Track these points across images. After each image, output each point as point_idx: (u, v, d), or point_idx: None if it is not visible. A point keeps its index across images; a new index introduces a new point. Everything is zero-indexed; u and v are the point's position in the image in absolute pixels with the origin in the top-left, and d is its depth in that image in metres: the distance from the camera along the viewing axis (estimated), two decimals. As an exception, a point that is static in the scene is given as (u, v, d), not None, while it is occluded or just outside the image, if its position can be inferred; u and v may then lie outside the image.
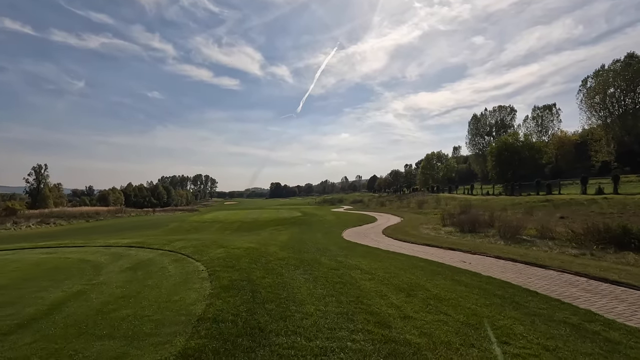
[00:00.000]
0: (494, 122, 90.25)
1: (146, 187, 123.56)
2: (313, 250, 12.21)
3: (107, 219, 39.69)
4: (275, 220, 29.01)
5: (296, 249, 12.47)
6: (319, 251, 12.18)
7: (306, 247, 13.26)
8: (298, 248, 12.89)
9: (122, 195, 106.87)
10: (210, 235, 19.15)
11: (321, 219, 31.66)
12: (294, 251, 11.74)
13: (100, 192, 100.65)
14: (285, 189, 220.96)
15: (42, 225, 30.84)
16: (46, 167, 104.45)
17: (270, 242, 15.30)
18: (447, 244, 14.98)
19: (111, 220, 37.31)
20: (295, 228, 23.97)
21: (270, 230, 22.61)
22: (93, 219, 38.31)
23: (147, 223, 30.90)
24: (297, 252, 11.72)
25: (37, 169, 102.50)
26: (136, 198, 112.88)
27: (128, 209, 62.07)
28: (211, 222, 28.93)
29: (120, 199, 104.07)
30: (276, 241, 15.79)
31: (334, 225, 25.73)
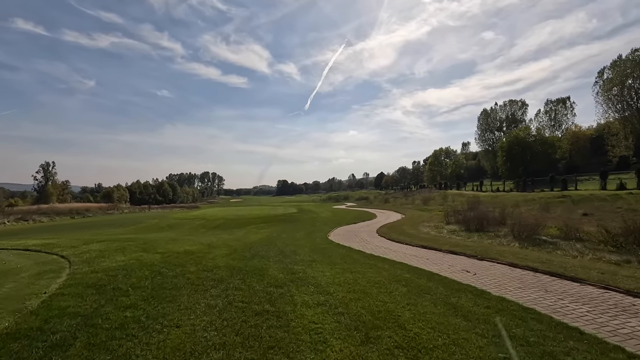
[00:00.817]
0: (504, 117, 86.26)
1: (151, 184, 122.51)
2: (273, 255, 9.50)
3: (96, 216, 37.69)
4: (263, 218, 26.47)
5: (251, 253, 9.79)
6: (279, 256, 9.46)
7: (267, 251, 10.56)
8: (256, 252, 10.20)
9: (126, 192, 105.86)
10: (170, 234, 16.76)
11: (315, 216, 28.99)
12: (244, 257, 9.05)
13: (105, 189, 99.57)
14: (292, 187, 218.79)
15: (19, 222, 28.86)
16: (54, 165, 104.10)
17: (232, 242, 12.68)
18: (449, 245, 12.13)
19: (96, 218, 35.23)
20: (279, 226, 21.35)
21: (250, 228, 20.01)
22: (80, 216, 36.33)
23: (127, 220, 28.63)
24: (249, 257, 9.02)
25: (44, 167, 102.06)
26: (141, 195, 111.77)
27: (122, 205, 60.35)
28: (193, 219, 26.49)
29: (125, 196, 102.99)
30: (241, 242, 13.15)
31: (325, 223, 23.02)
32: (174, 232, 19.31)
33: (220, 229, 20.27)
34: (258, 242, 13.35)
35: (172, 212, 45.62)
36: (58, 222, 30.64)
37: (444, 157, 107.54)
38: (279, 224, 22.56)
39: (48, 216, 33.05)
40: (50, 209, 38.91)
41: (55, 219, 32.33)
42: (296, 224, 22.03)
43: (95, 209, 43.86)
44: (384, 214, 32.61)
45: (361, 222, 24.91)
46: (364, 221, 25.37)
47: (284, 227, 20.35)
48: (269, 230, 19.13)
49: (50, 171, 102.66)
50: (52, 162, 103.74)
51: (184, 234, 17.79)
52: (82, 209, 40.22)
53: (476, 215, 16.91)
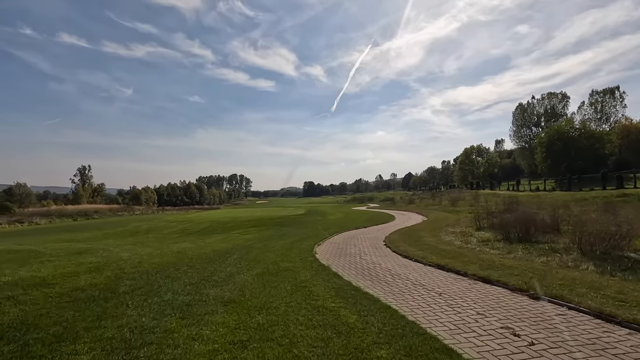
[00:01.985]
0: (542, 111, 78.37)
1: (179, 186, 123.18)
2: (170, 287, 5.72)
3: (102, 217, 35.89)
4: (260, 220, 22.87)
5: (145, 281, 6.04)
6: (183, 286, 5.67)
7: (187, 275, 6.77)
8: (166, 274, 6.48)
9: (154, 194, 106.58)
10: (126, 240, 13.48)
11: (321, 218, 25.05)
12: (110, 291, 5.31)
13: (133, 192, 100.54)
14: (319, 188, 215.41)
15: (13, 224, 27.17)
16: (89, 168, 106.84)
17: (170, 256, 9.06)
18: (478, 265, 7.83)
19: (93, 220, 33.15)
20: (270, 231, 17.62)
21: (232, 234, 16.46)
22: (85, 217, 34.51)
23: (112, 224, 26.01)
24: (119, 293, 5.27)
25: (81, 170, 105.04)
26: (169, 197, 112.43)
27: (135, 207, 59.23)
28: (181, 222, 23.39)
29: (152, 198, 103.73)
30: (183, 254, 9.52)
31: (328, 227, 19.04)
32: (139, 238, 16.16)
33: (198, 234, 16.91)
34: (210, 254, 9.68)
35: (177, 214, 43.06)
36: (55, 224, 28.73)
37: (475, 156, 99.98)
38: (272, 228, 18.89)
39: (49, 218, 31.53)
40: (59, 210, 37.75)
41: (55, 221, 30.65)
42: (291, 229, 18.23)
43: (105, 210, 42.54)
44: (404, 216, 28.11)
45: (373, 225, 20.71)
46: (376, 224, 21.15)
47: (273, 233, 16.64)
48: (252, 236, 15.46)
49: (86, 174, 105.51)
50: (88, 166, 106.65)
51: (147, 240, 14.55)
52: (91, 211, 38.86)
53: (518, 218, 12.25)
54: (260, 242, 12.89)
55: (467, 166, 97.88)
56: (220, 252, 10.21)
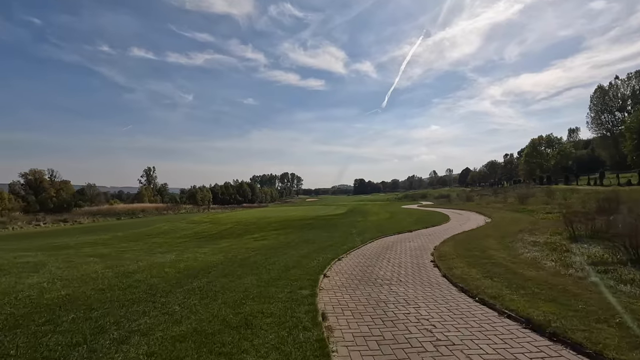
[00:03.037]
0: (629, 93, 66.22)
1: (232, 185, 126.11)
2: None
3: (146, 216, 35.72)
4: (290, 221, 19.67)
5: None
6: None
7: (116, 311, 3.59)
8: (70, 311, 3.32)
9: (209, 193, 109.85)
10: (135, 245, 11.00)
11: (361, 219, 21.30)
12: None
13: (189, 191, 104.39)
14: (370, 185, 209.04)
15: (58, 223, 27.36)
16: (154, 170, 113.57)
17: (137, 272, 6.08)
18: (632, 341, 3.79)
19: (135, 220, 32.58)
20: (292, 235, 14.26)
21: (241, 239, 13.47)
22: (129, 217, 34.51)
23: (146, 223, 24.71)
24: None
25: (147, 171, 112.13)
26: (223, 195, 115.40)
27: (183, 205, 59.98)
28: (203, 223, 21.04)
29: (207, 196, 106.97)
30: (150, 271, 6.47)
31: (365, 231, 15.34)
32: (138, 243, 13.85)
33: (207, 239, 14.26)
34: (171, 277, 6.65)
35: (213, 213, 41.56)
36: (88, 224, 28.49)
37: (544, 147, 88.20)
38: (298, 231, 15.68)
39: (93, 217, 31.94)
40: (108, 209, 38.65)
41: (98, 220, 30.83)
42: (319, 233, 14.82)
43: (152, 209, 43.09)
44: (461, 216, 23.30)
45: (421, 228, 16.58)
46: (426, 227, 16.96)
47: (295, 238, 13.39)
48: (266, 243, 12.32)
49: (151, 175, 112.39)
50: (153, 168, 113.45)
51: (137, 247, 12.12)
52: (138, 210, 39.39)
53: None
54: (264, 254, 9.67)
55: (535, 159, 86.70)
56: (188, 273, 7.14)
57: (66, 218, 30.62)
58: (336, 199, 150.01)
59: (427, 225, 17.98)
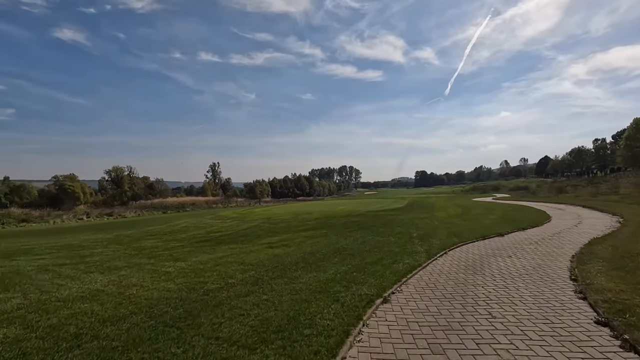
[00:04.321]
0: None
1: (291, 178, 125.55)
2: None
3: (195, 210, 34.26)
4: (329, 218, 15.19)
5: None
6: None
7: None
8: None
9: (268, 186, 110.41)
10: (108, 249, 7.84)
11: (425, 215, 16.12)
12: None
13: (248, 185, 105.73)
14: (432, 177, 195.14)
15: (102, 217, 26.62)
16: (218, 165, 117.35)
17: None
18: None
19: (177, 214, 30.81)
20: (325, 239, 9.62)
21: (256, 244, 9.44)
22: (176, 210, 33.30)
23: (178, 217, 22.20)
24: None
25: (212, 167, 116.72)
26: (281, 189, 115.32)
27: (235, 198, 58.64)
28: (230, 219, 17.55)
29: (266, 190, 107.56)
30: None
31: (429, 234, 10.47)
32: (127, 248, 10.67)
33: (214, 243, 10.44)
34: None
35: (251, 208, 38.82)
36: (131, 218, 27.15)
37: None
38: (339, 232, 11.20)
39: (142, 210, 31.16)
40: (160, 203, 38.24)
41: (143, 214, 29.85)
42: (366, 235, 10.26)
43: (202, 202, 42.11)
44: (565, 212, 16.96)
45: (515, 230, 11.20)
46: (521, 229, 11.51)
47: (329, 243, 9.04)
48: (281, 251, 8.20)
49: (216, 170, 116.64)
50: (217, 163, 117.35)
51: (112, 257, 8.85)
52: (188, 203, 38.50)
53: None
54: (251, 283, 5.56)
55: (639, 142, 70.98)
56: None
57: (112, 212, 30.22)
58: (395, 191, 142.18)
59: (523, 225, 12.39)
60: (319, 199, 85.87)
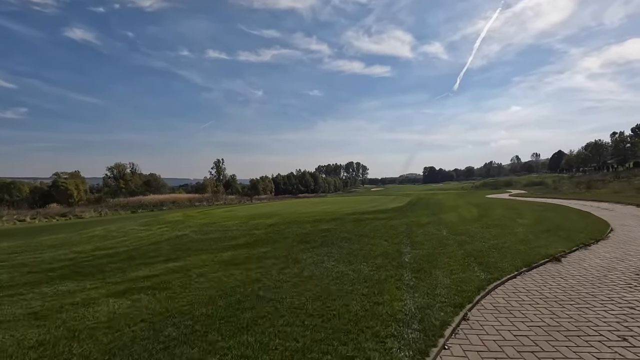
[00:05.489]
0: None
1: (295, 175, 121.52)
2: None
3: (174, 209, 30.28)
4: (287, 224, 10.65)
5: None
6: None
7: None
8: None
9: (272, 183, 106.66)
10: None
11: (429, 220, 11.53)
12: None
13: (251, 181, 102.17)
14: (441, 174, 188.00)
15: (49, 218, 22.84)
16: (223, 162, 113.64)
17: None
18: None
19: (149, 212, 26.70)
20: (259, 264, 5.60)
21: (156, 269, 5.35)
22: (158, 209, 29.44)
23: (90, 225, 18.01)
24: None
25: (217, 163, 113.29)
26: (285, 185, 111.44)
27: (226, 195, 54.36)
28: (167, 225, 13.08)
29: (269, 187, 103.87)
30: None
31: (432, 258, 6.17)
32: None
33: (72, 276, 6.31)
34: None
35: (233, 206, 34.66)
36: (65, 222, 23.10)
37: (680, 119, 65.56)
38: (289, 248, 6.91)
39: (117, 208, 27.27)
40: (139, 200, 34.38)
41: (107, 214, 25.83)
42: (326, 257, 5.99)
43: (184, 200, 38.08)
44: (615, 214, 12.36)
45: (574, 248, 6.80)
46: (584, 245, 7.11)
47: (252, 276, 4.82)
48: (156, 299, 4.05)
49: (220, 167, 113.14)
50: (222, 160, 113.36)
51: None
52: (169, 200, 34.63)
53: None
54: None
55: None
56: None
57: (72, 211, 26.24)
58: (402, 188, 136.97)
59: (577, 237, 7.93)
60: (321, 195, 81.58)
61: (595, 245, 7.41)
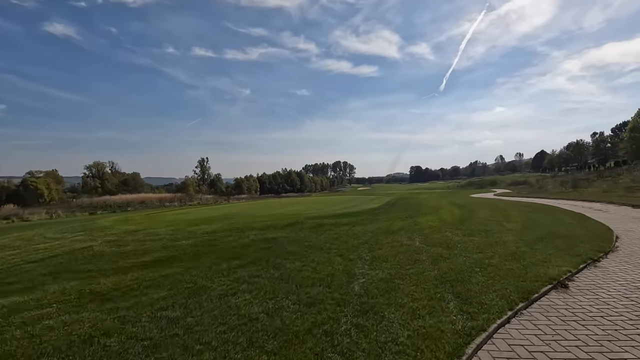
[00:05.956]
0: None
1: (281, 174, 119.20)
2: None
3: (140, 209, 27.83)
4: (231, 231, 8.99)
5: None
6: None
7: None
8: None
9: (256, 182, 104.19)
10: None
11: (404, 224, 9.82)
12: None
13: (235, 180, 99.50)
14: (427, 173, 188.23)
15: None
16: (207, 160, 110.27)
17: None
18: None
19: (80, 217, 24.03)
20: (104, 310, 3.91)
21: None
22: (109, 210, 26.96)
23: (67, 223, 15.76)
24: None
25: (201, 162, 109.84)
26: (270, 185, 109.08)
27: (202, 195, 51.65)
28: (81, 234, 11.15)
29: (254, 186, 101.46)
30: None
31: (390, 288, 4.39)
32: None
33: None
34: None
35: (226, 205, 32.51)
36: (52, 219, 20.85)
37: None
38: (206, 268, 5.11)
39: (75, 209, 24.76)
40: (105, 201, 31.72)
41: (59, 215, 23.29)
42: (249, 284, 4.28)
43: (154, 200, 35.42)
44: (612, 216, 10.89)
45: (582, 265, 5.11)
46: (592, 260, 5.43)
47: (98, 325, 3.12)
48: None
49: (205, 166, 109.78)
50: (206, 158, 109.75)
51: None
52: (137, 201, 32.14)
53: None
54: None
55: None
56: None
57: (14, 214, 23.42)
58: (388, 187, 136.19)
59: (580, 246, 6.29)
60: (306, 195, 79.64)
61: (605, 260, 5.74)
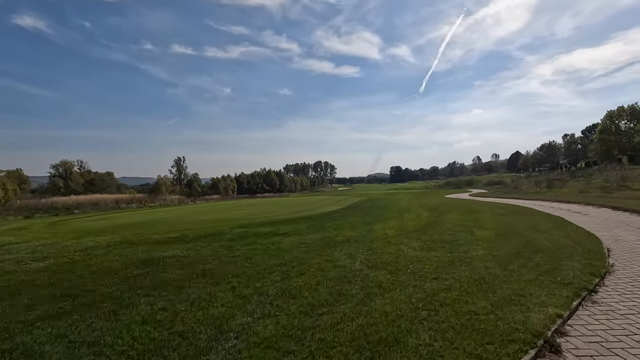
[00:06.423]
0: None
1: (260, 173, 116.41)
2: None
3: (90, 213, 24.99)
4: (129, 245, 7.27)
5: None
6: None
7: None
8: None
9: (234, 182, 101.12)
10: None
11: (344, 240, 8.18)
12: None
13: (212, 180, 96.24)
14: (407, 173, 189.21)
15: None
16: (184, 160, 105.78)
17: None
18: None
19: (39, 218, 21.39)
20: None
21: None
22: (70, 212, 24.20)
23: None
24: None
25: (177, 162, 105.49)
26: (249, 185, 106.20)
27: (174, 196, 48.36)
28: None
29: (231, 186, 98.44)
30: None
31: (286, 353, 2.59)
32: None
33: None
34: None
35: (180, 207, 30.18)
36: None
37: (626, 121, 67.84)
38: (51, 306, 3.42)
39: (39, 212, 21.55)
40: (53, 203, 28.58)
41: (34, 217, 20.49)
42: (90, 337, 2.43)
43: (110, 200, 32.34)
44: (594, 220, 9.56)
45: (574, 298, 3.46)
46: (586, 291, 3.81)
47: None
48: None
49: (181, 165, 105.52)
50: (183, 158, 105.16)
51: None
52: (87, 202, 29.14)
53: None
54: None
55: (613, 136, 66.67)
56: None
57: None
58: (368, 187, 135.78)
59: (565, 267, 4.68)
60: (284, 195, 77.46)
61: (604, 291, 4.10)
